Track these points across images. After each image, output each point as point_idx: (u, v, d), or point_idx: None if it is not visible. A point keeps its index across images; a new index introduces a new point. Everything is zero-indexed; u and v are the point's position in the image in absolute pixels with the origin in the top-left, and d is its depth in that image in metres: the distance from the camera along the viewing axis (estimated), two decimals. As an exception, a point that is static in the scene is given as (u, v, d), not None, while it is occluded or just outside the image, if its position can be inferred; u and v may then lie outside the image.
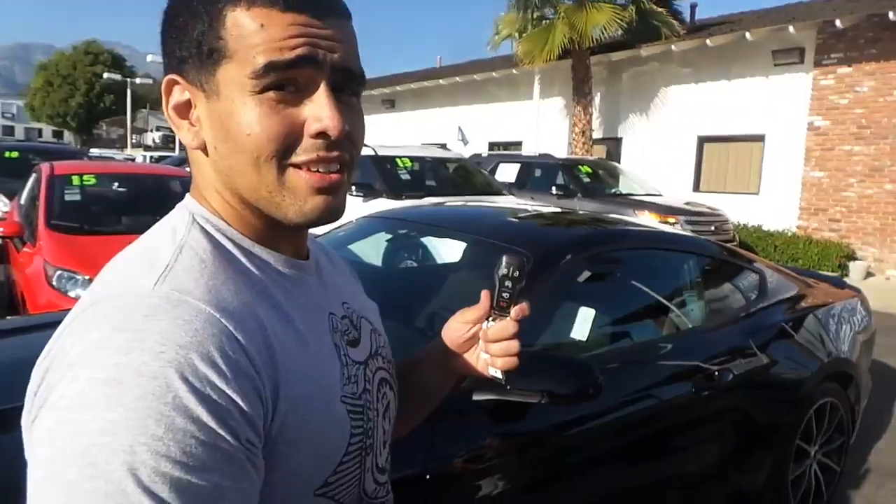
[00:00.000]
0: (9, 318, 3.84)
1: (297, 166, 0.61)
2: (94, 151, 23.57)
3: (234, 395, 0.53)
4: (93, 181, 5.24)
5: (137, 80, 37.58)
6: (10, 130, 54.42)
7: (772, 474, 2.55)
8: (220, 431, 0.51)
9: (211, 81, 0.61)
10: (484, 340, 0.82)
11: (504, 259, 0.79)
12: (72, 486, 0.47)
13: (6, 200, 7.80)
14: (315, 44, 0.60)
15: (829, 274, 6.47)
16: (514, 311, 0.80)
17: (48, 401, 0.51)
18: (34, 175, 5.62)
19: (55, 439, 0.49)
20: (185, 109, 0.64)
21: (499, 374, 0.82)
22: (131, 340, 0.51)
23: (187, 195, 0.69)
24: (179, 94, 0.64)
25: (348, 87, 0.64)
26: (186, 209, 0.66)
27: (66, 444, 0.48)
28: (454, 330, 0.85)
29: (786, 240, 9.58)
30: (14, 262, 4.79)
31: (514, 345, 0.80)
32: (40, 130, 52.49)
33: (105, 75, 37.62)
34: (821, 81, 9.99)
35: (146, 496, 0.47)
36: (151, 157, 22.93)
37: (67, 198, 4.89)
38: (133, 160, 19.47)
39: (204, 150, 0.64)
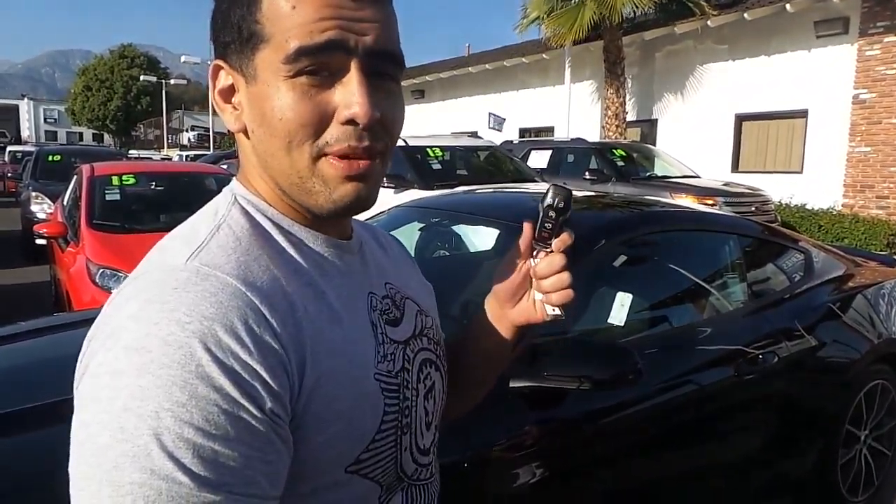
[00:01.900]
0: (55, 314, 3.97)
1: (330, 154, 0.61)
2: (133, 153, 24.21)
3: (257, 367, 0.54)
4: (132, 181, 5.37)
5: (172, 82, 38.38)
6: (52, 135, 56.17)
7: (820, 460, 2.48)
8: (243, 402, 0.52)
9: (250, 66, 0.62)
10: (536, 279, 0.80)
11: (550, 189, 0.78)
12: (104, 449, 0.50)
13: (50, 202, 8.07)
14: (347, 27, 0.59)
15: (879, 253, 6.23)
16: (555, 243, 0.78)
17: (89, 368, 0.54)
18: (75, 177, 5.78)
19: (91, 404, 0.52)
20: (228, 94, 0.65)
21: (557, 311, 0.80)
22: (161, 311, 0.53)
23: (234, 178, 0.71)
24: (224, 78, 0.65)
25: (385, 71, 0.63)
26: (231, 191, 0.69)
27: (100, 409, 0.51)
28: (504, 279, 0.82)
29: (831, 218, 9.25)
30: (59, 261, 4.95)
31: (566, 277, 0.78)
32: (81, 134, 54.05)
33: (141, 78, 38.51)
34: (866, 52, 9.58)
35: (169, 460, 0.49)
36: (187, 157, 23.43)
37: (108, 197, 5.02)
38: (170, 160, 19.91)
39: (245, 133, 0.65)
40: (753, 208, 7.98)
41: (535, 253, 0.80)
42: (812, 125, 10.31)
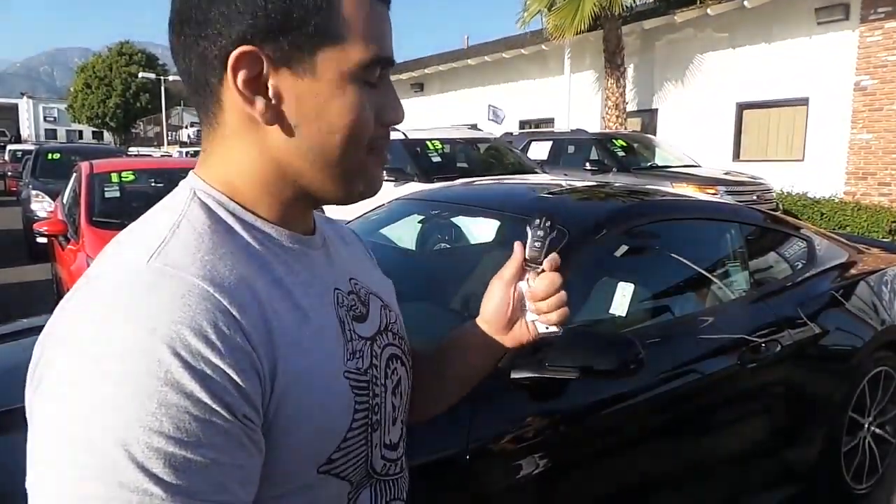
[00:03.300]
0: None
1: (374, 151, 0.66)
2: (133, 150, 24.18)
3: (228, 371, 0.52)
4: (131, 178, 5.36)
5: (171, 78, 38.28)
6: (52, 133, 56.10)
7: (824, 448, 2.47)
8: (215, 406, 0.51)
9: (307, 60, 0.60)
10: (533, 300, 0.81)
11: (536, 214, 0.82)
12: (66, 463, 0.48)
13: (50, 200, 8.07)
14: (392, 40, 0.66)
15: (881, 240, 6.21)
16: (546, 262, 0.80)
17: (44, 378, 0.52)
18: (74, 174, 5.78)
19: (50, 417, 0.50)
20: (256, 84, 0.60)
21: (554, 329, 0.82)
22: (123, 317, 0.51)
23: (191, 172, 0.67)
24: (254, 66, 0.59)
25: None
26: (188, 185, 0.65)
27: (59, 423, 0.49)
28: (495, 307, 0.83)
29: (833, 206, 9.22)
30: (60, 259, 4.95)
31: (563, 295, 0.80)
32: (81, 132, 53.98)
33: (140, 75, 38.40)
34: (868, 38, 9.52)
35: (139, 471, 0.48)
36: (187, 153, 23.40)
37: (107, 195, 5.02)
38: (170, 156, 19.89)
39: (279, 124, 0.61)
40: (755, 197, 7.95)
41: (525, 276, 0.82)
42: (813, 113, 10.26)
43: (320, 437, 0.61)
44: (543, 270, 0.80)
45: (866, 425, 2.64)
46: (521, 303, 0.82)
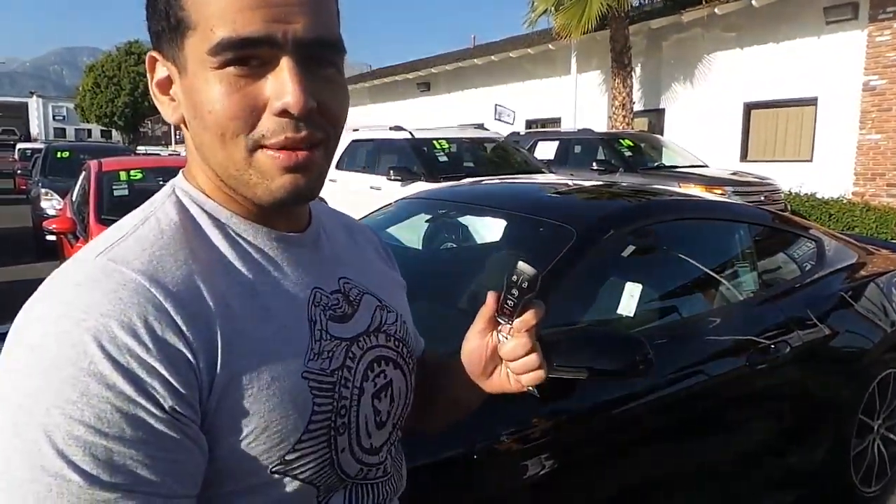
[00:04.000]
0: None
1: (266, 147, 0.59)
2: (141, 149, 24.27)
3: (156, 365, 0.53)
4: (139, 176, 5.39)
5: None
6: (61, 132, 56.45)
7: (832, 450, 2.45)
8: (139, 399, 0.52)
9: (180, 56, 0.60)
10: (505, 360, 0.76)
11: (518, 265, 0.72)
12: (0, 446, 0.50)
13: (59, 199, 8.11)
14: (275, 15, 0.56)
15: (891, 241, 6.17)
16: (516, 323, 0.73)
17: None
18: (83, 172, 5.81)
19: None
20: (166, 85, 0.63)
21: (531, 389, 0.77)
22: (59, 309, 0.53)
23: (179, 172, 0.69)
24: (160, 70, 0.63)
25: (322, 57, 0.60)
26: (171, 184, 0.67)
27: None
28: (473, 353, 0.78)
29: (841, 207, 9.16)
30: (69, 257, 4.98)
31: (534, 359, 0.74)
32: (89, 131, 54.27)
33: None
34: (877, 38, 9.45)
35: (59, 458, 0.49)
36: (195, 152, 23.44)
37: (116, 193, 5.06)
38: (177, 155, 19.94)
39: (185, 125, 0.63)
40: (763, 197, 7.91)
41: (499, 327, 0.75)
42: (822, 113, 10.20)
43: (269, 436, 0.60)
44: (511, 329, 0.73)
45: (876, 428, 2.62)
46: (497, 354, 0.77)
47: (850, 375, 2.49)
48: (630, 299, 1.98)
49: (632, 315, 1.94)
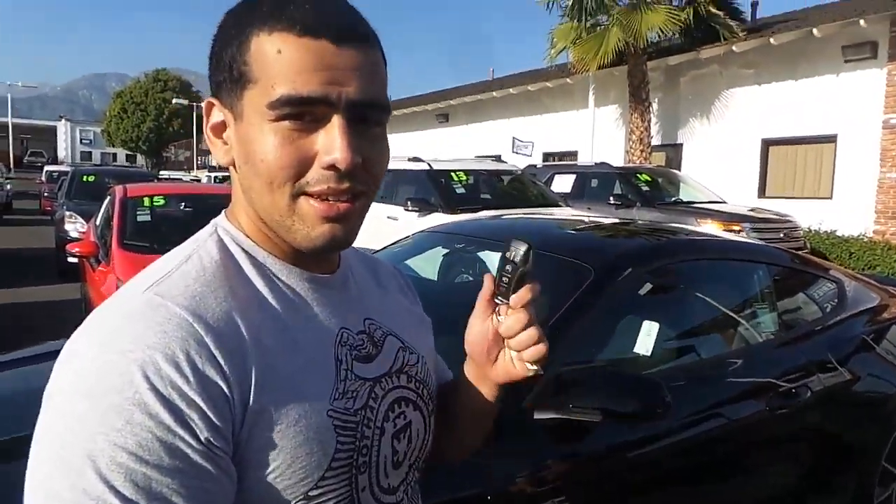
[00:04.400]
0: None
1: (309, 195, 0.63)
2: (164, 174, 24.72)
3: (195, 398, 0.55)
4: (162, 202, 5.49)
5: (202, 104, 39.30)
6: (87, 155, 57.75)
7: (855, 499, 2.39)
8: (179, 430, 0.54)
9: (238, 105, 0.64)
10: (505, 338, 0.77)
11: (510, 241, 0.74)
12: (46, 466, 0.53)
13: (83, 222, 8.27)
14: (330, 78, 0.61)
15: (913, 281, 6.07)
16: (513, 299, 0.74)
17: (49, 390, 0.58)
18: (108, 197, 5.93)
19: (40, 424, 0.56)
20: (220, 129, 0.68)
21: (534, 366, 0.76)
22: (108, 338, 0.57)
23: (223, 212, 0.73)
24: (216, 115, 0.68)
25: (370, 117, 0.65)
26: (214, 223, 0.72)
27: (45, 429, 0.55)
28: (475, 340, 0.79)
29: (862, 246, 9.06)
30: (90, 280, 5.05)
31: (533, 333, 0.74)
32: (115, 155, 55.49)
33: (174, 101, 39.53)
34: (896, 77, 9.45)
35: (101, 482, 0.52)
36: (216, 178, 23.86)
37: (139, 218, 5.14)
38: (198, 181, 20.30)
39: (235, 167, 0.68)
40: (781, 234, 7.85)
41: (497, 309, 0.76)
42: (841, 150, 10.16)
43: (294, 472, 0.62)
44: (510, 307, 0.74)
45: (900, 476, 2.55)
46: (499, 336, 0.77)
47: (872, 421, 2.44)
48: (647, 338, 1.96)
49: (649, 354, 1.93)
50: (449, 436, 0.88)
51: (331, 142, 0.61)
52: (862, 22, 9.37)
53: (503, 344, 0.78)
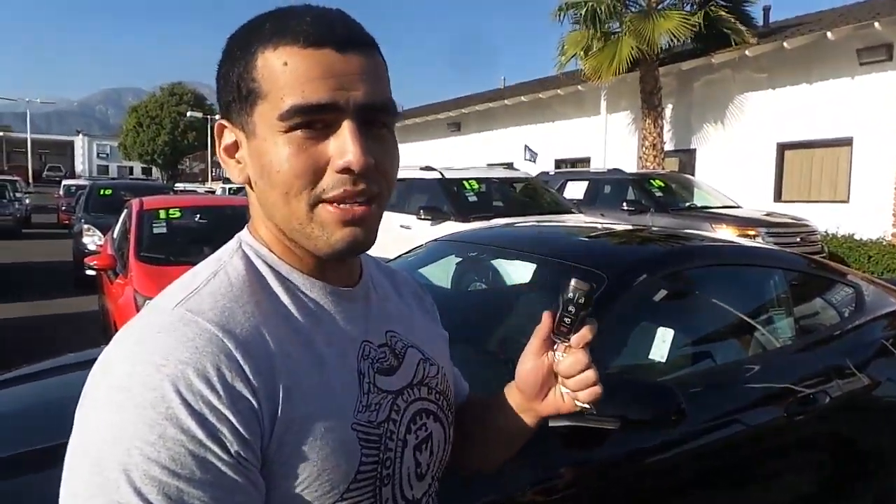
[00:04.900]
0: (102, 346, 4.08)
1: (326, 201, 0.64)
2: (179, 186, 25.01)
3: (226, 412, 0.57)
4: (178, 214, 5.55)
5: (217, 117, 39.76)
6: (104, 169, 58.57)
7: (878, 505, 2.35)
8: (210, 444, 0.55)
9: (249, 122, 0.65)
10: (561, 376, 0.78)
11: (572, 282, 0.75)
12: (81, 478, 0.55)
13: (101, 235, 8.38)
14: (337, 84, 0.62)
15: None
16: (574, 339, 0.75)
17: (83, 401, 0.59)
18: (125, 210, 6.01)
19: (77, 435, 0.57)
20: (233, 150, 0.69)
21: (587, 405, 0.78)
22: (141, 353, 0.58)
23: (245, 227, 0.74)
24: (227, 136, 0.69)
25: (377, 120, 0.66)
26: (238, 238, 0.73)
27: (82, 441, 0.57)
28: (527, 374, 0.80)
29: (881, 249, 8.93)
30: (108, 292, 5.11)
31: (591, 375, 0.76)
32: (131, 168, 56.21)
33: (188, 114, 40.01)
34: (912, 79, 9.34)
35: (135, 495, 0.53)
36: (230, 189, 24.08)
37: (155, 231, 5.20)
38: (213, 192, 20.50)
39: (250, 185, 0.69)
40: (798, 239, 7.76)
41: (555, 346, 0.78)
42: (858, 153, 10.05)
43: (321, 484, 0.63)
44: (570, 346, 0.76)
45: (922, 483, 2.51)
46: (553, 373, 0.79)
47: (892, 426, 2.40)
48: (662, 344, 1.95)
49: (664, 360, 1.92)
50: (479, 450, 0.90)
51: (343, 145, 0.63)
52: (877, 24, 9.28)
53: (554, 381, 0.80)
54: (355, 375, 0.69)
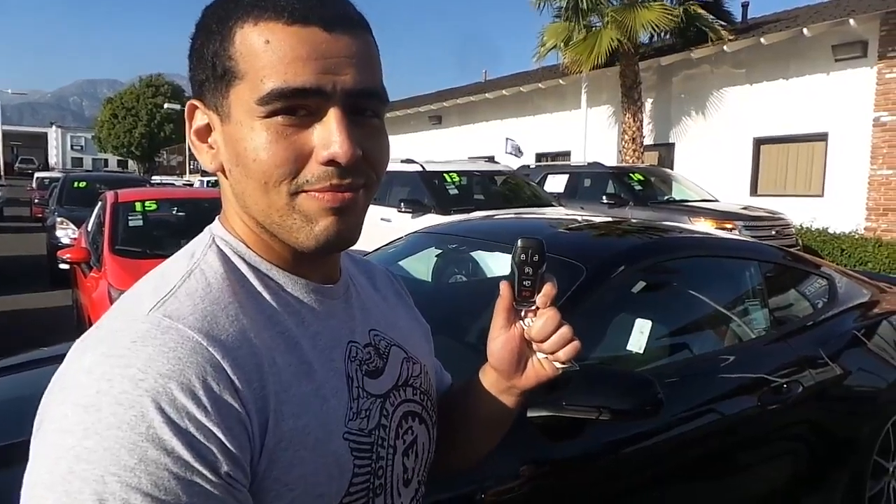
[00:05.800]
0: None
1: (308, 191, 0.59)
2: (156, 179, 24.65)
3: (214, 429, 0.51)
4: (154, 207, 5.45)
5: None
6: (78, 161, 57.55)
7: (847, 492, 2.40)
8: (197, 465, 0.49)
9: (224, 104, 0.59)
10: (536, 342, 0.73)
11: (519, 242, 0.70)
12: None
13: (75, 228, 8.23)
14: (324, 67, 0.56)
15: (904, 277, 6.11)
16: (539, 299, 0.71)
17: (41, 423, 0.52)
18: (100, 203, 5.90)
19: (39, 462, 0.50)
20: (205, 133, 0.63)
21: (566, 364, 0.73)
22: (114, 367, 0.51)
23: (216, 219, 0.67)
24: (199, 117, 0.63)
25: (366, 107, 0.61)
26: (209, 232, 0.66)
27: (46, 469, 0.49)
28: (498, 352, 0.75)
29: (853, 242, 9.10)
30: (82, 286, 5.03)
31: (566, 331, 0.71)
32: (106, 161, 55.32)
33: (165, 106, 39.43)
34: (886, 74, 9.50)
35: None
36: (208, 182, 23.79)
37: (131, 224, 5.11)
38: (191, 185, 20.24)
39: (224, 172, 0.63)
40: (773, 232, 7.88)
41: (522, 314, 0.73)
42: (832, 148, 10.22)
43: (314, 500, 0.58)
44: (538, 308, 0.72)
45: (891, 469, 2.57)
46: (525, 342, 0.74)
47: (864, 416, 2.45)
48: (640, 336, 1.97)
49: (641, 352, 1.94)
50: (459, 447, 0.85)
51: (328, 135, 0.57)
52: (852, 21, 9.43)
53: (529, 350, 0.75)
54: (344, 380, 0.64)
